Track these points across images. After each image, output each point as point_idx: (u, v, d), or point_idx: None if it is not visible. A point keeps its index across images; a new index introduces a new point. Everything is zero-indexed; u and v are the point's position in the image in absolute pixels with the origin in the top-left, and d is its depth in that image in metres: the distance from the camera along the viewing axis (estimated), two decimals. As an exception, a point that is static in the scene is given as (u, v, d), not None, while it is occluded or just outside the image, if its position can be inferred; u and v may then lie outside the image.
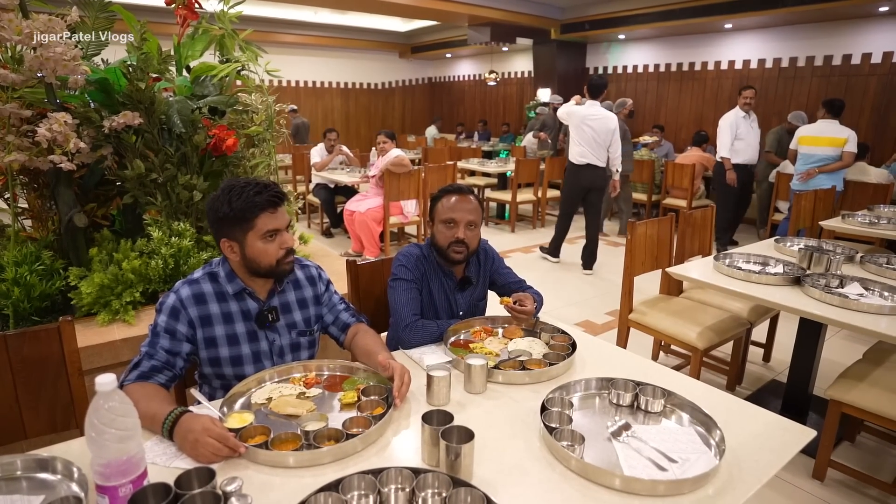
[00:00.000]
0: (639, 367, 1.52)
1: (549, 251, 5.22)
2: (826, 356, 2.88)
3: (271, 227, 1.35)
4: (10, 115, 1.83)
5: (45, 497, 0.97)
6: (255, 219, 1.34)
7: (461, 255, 1.72)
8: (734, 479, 1.04)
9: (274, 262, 1.38)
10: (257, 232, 1.35)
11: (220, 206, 1.34)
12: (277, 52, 8.83)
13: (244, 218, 1.33)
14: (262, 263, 1.38)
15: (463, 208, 1.71)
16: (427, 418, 1.10)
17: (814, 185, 4.42)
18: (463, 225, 1.71)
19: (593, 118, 4.56)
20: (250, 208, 1.33)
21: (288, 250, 1.40)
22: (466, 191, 1.76)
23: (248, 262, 1.38)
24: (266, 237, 1.36)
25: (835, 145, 4.43)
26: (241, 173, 2.34)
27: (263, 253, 1.36)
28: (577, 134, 4.61)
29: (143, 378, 1.29)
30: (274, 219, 1.36)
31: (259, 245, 1.36)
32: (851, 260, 2.58)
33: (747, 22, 6.77)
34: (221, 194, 1.35)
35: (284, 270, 1.42)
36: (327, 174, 5.85)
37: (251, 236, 1.35)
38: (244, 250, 1.37)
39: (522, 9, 7.81)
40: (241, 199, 1.32)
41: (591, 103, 4.64)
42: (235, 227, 1.35)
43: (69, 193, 1.97)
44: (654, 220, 2.77)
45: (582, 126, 4.58)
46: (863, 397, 1.94)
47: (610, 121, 4.59)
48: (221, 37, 2.37)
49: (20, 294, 1.85)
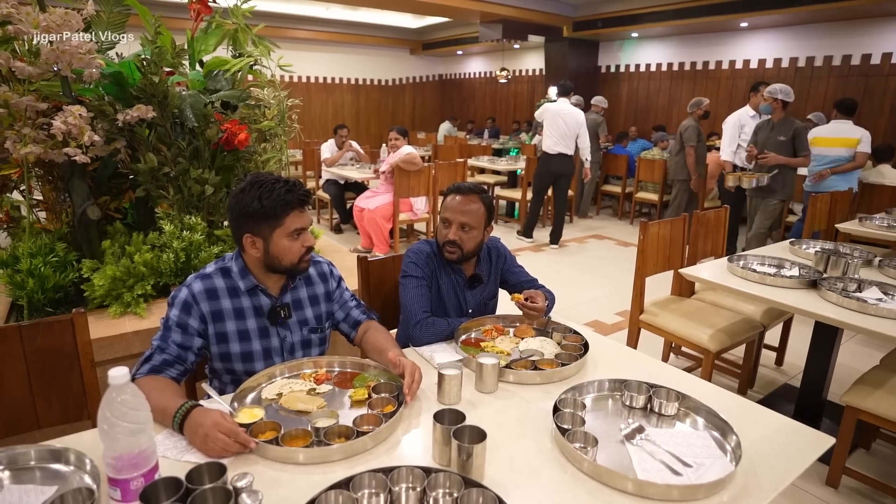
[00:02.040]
0: (651, 368, 1.50)
1: (523, 233, 5.90)
2: (841, 361, 2.84)
3: (299, 225, 1.36)
4: (26, 108, 1.84)
5: (57, 488, 0.97)
6: (285, 216, 1.34)
7: (454, 255, 1.71)
8: (750, 486, 1.02)
9: (296, 259, 1.39)
10: (285, 230, 1.35)
11: (250, 202, 1.33)
12: (289, 47, 8.84)
13: (274, 215, 1.33)
14: (283, 260, 1.38)
15: (459, 209, 1.69)
16: (439, 417, 1.09)
17: (826, 186, 4.33)
18: (455, 226, 1.68)
19: (565, 113, 5.26)
20: (282, 206, 1.33)
21: (308, 248, 1.41)
22: (469, 191, 1.72)
23: (270, 259, 1.38)
24: (292, 235, 1.36)
25: (848, 146, 4.34)
26: (252, 168, 2.34)
27: (287, 250, 1.37)
28: (551, 127, 5.33)
29: (155, 372, 1.29)
30: (301, 218, 1.37)
31: (284, 242, 1.36)
32: (869, 264, 2.54)
33: (763, 20, 6.68)
34: (250, 189, 1.34)
35: (303, 269, 1.43)
36: (337, 170, 5.85)
37: (278, 233, 1.35)
38: (268, 246, 1.37)
39: (535, 6, 7.76)
40: (272, 196, 1.32)
41: (563, 101, 5.36)
42: (263, 223, 1.34)
43: (83, 186, 1.98)
44: (666, 220, 2.75)
45: (556, 120, 5.28)
46: (880, 404, 1.91)
47: (578, 115, 5.29)
48: (234, 31, 2.37)
49: (34, 285, 1.87)
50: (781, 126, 4.15)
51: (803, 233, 3.91)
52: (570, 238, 6.08)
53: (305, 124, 8.67)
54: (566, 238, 6.02)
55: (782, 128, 4.14)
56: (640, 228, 2.62)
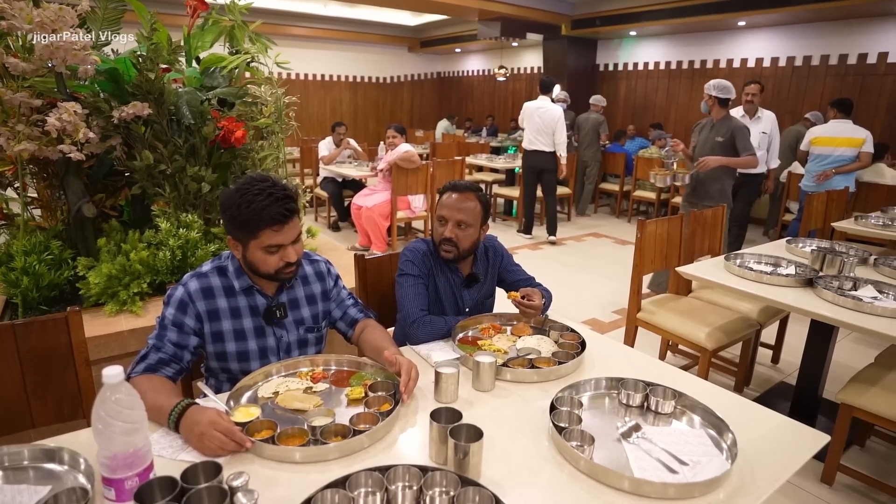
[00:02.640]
0: (648, 367, 1.50)
1: (522, 230, 6.00)
2: (836, 359, 2.85)
3: (274, 242, 1.32)
4: (20, 105, 1.83)
5: (51, 488, 0.96)
6: (259, 231, 1.30)
7: (450, 253, 1.71)
8: (746, 484, 1.03)
9: (272, 271, 1.36)
10: (259, 243, 1.32)
11: (230, 207, 1.31)
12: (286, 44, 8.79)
13: (248, 227, 1.31)
14: (260, 269, 1.37)
15: (456, 207, 1.69)
16: (435, 416, 1.09)
17: (826, 185, 4.33)
18: (451, 223, 1.68)
19: (542, 110, 5.34)
20: (256, 221, 1.29)
21: (288, 263, 1.36)
22: (465, 189, 1.72)
23: (248, 265, 1.38)
24: (268, 250, 1.33)
25: (853, 146, 4.32)
26: (249, 165, 2.33)
27: (262, 262, 1.35)
28: (528, 124, 5.43)
29: (151, 370, 1.28)
30: (278, 235, 1.32)
31: (258, 254, 1.34)
32: (865, 262, 2.55)
33: (761, 19, 6.69)
34: (234, 195, 1.31)
35: (282, 278, 1.40)
36: (335, 168, 5.84)
37: (253, 245, 1.33)
38: (245, 253, 1.36)
39: (533, 4, 7.75)
40: (250, 207, 1.28)
41: (543, 98, 5.41)
42: (240, 231, 1.33)
43: (78, 183, 1.97)
44: (663, 218, 2.75)
45: (532, 117, 5.37)
46: (875, 402, 1.91)
47: (554, 111, 5.34)
48: (231, 28, 2.36)
49: (29, 283, 1.86)
50: (720, 126, 3.68)
51: (799, 231, 3.92)
52: (567, 236, 6.08)
53: (303, 122, 8.62)
54: (564, 236, 6.02)
55: (720, 128, 3.67)
56: (637, 226, 2.62)
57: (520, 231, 6.05)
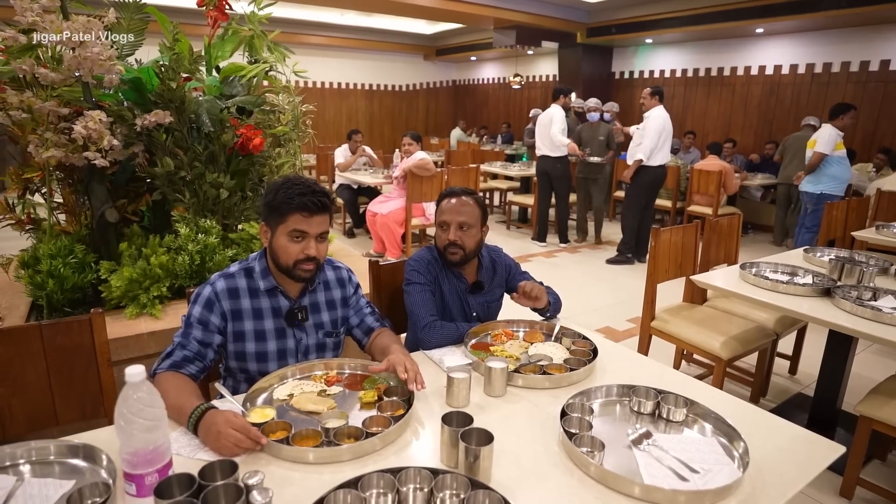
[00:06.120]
0: (661, 375, 1.49)
1: (536, 238, 6.07)
2: (855, 370, 2.79)
3: (299, 227, 1.37)
4: (48, 113, 1.89)
5: (75, 482, 1.00)
6: (288, 213, 1.37)
7: (456, 255, 1.73)
8: (757, 493, 1.02)
9: (291, 262, 1.39)
10: (286, 227, 1.38)
11: (270, 192, 1.40)
12: (303, 53, 8.93)
13: (279, 210, 1.37)
14: (280, 258, 1.40)
15: (455, 210, 1.73)
16: (447, 419, 1.10)
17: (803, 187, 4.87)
18: (454, 226, 1.72)
19: (543, 116, 5.63)
20: (286, 203, 1.36)
21: (308, 257, 1.39)
22: (461, 193, 1.77)
23: (272, 253, 1.42)
24: (292, 236, 1.38)
25: (811, 147, 4.77)
26: (266, 172, 2.38)
27: (284, 249, 1.39)
28: (536, 131, 5.77)
29: (175, 367, 1.32)
30: (305, 221, 1.37)
31: (283, 240, 1.38)
32: (885, 272, 2.50)
33: (780, 26, 6.62)
34: (277, 182, 1.42)
35: (299, 275, 1.41)
36: (350, 175, 5.90)
37: (280, 229, 1.39)
38: (272, 239, 1.41)
39: (548, 12, 7.77)
40: (286, 192, 1.37)
41: (553, 106, 5.60)
42: (271, 214, 1.40)
43: (102, 189, 2.03)
44: (678, 227, 2.73)
45: (539, 124, 5.68)
46: (895, 415, 1.88)
47: (554, 115, 5.55)
48: (250, 38, 2.42)
49: (54, 286, 1.91)
50: None
51: (818, 240, 3.86)
52: (582, 244, 6.05)
53: (319, 129, 8.74)
54: (579, 245, 6.00)
55: None
56: (651, 235, 2.61)
57: (534, 239, 6.07)
